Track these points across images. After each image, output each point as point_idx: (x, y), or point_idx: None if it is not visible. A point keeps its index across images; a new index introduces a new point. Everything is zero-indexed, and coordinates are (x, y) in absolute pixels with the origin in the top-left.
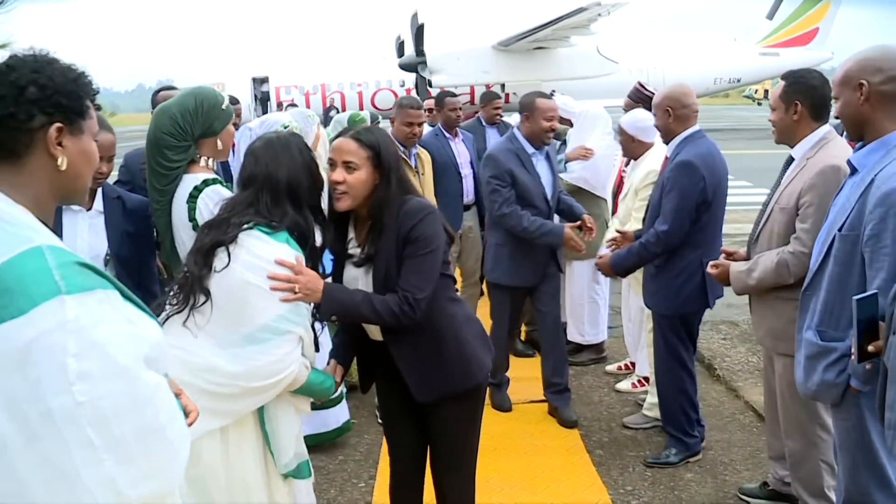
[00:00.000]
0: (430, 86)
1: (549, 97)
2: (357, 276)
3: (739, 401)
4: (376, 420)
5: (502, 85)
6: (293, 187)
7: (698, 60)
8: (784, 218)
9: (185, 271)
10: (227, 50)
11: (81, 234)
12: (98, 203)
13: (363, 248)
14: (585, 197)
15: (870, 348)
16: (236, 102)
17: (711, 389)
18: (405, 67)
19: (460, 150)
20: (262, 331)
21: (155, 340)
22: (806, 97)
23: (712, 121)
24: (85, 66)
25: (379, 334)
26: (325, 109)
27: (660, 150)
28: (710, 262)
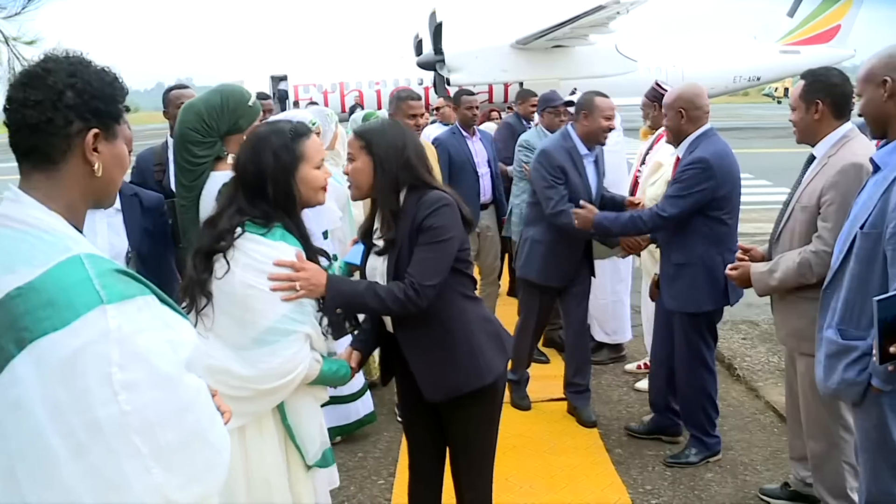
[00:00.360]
0: (449, 84)
1: (606, 96)
2: (376, 265)
3: (760, 401)
4: (396, 417)
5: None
6: (261, 187)
7: (717, 59)
8: (805, 217)
9: (187, 274)
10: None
11: (101, 234)
12: (115, 201)
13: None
14: None
15: (892, 349)
16: (266, 98)
17: (731, 389)
18: (423, 66)
19: (477, 148)
20: (269, 333)
21: (193, 343)
22: (827, 95)
23: (731, 119)
24: (115, 67)
25: (392, 327)
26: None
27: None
28: (729, 265)
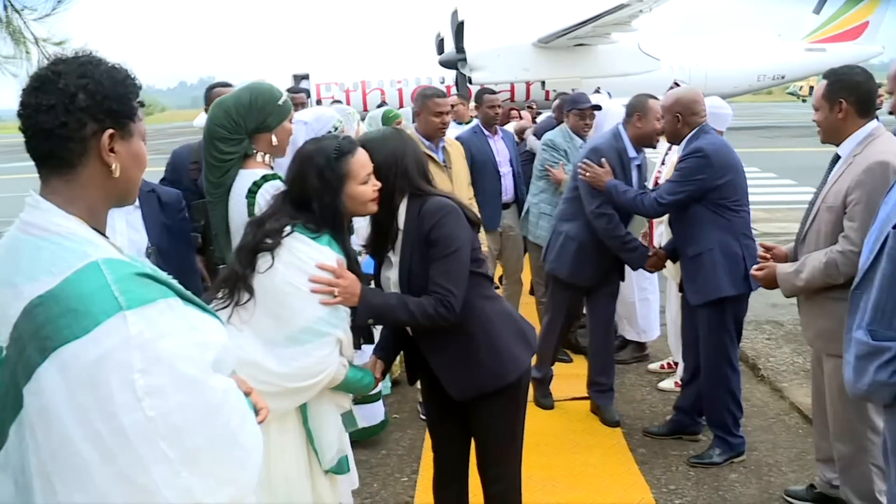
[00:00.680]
0: (470, 83)
1: (657, 98)
2: (389, 276)
3: (784, 402)
4: (419, 415)
5: (542, 82)
6: (307, 202)
7: (741, 57)
8: (831, 217)
9: (230, 267)
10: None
11: (120, 231)
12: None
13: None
14: None
15: None
16: (299, 91)
17: (756, 390)
18: (445, 64)
19: (499, 147)
20: (303, 332)
21: (220, 343)
22: (850, 94)
23: (755, 118)
24: (126, 63)
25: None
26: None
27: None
28: (754, 266)
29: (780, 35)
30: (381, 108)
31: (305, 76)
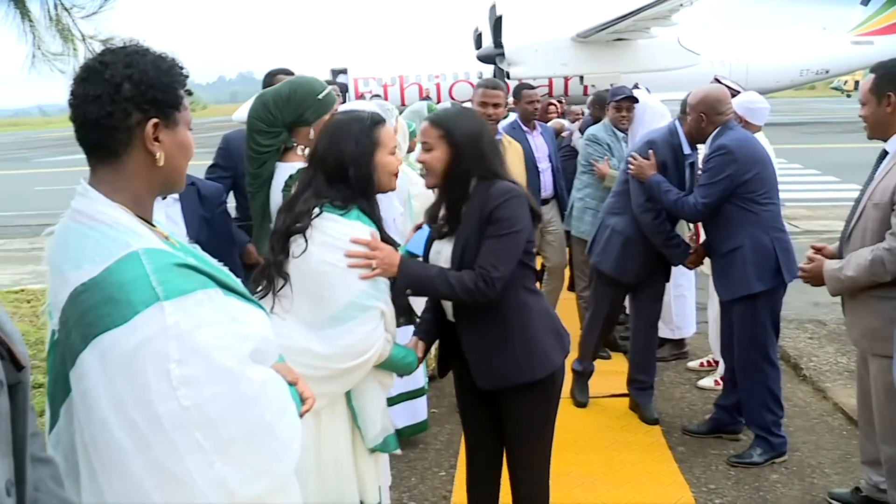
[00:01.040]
0: (508, 78)
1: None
2: (440, 249)
3: (828, 402)
4: (456, 410)
5: (581, 77)
6: (343, 171)
7: (784, 51)
8: (878, 214)
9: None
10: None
11: (159, 224)
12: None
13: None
14: None
15: None
16: (333, 85)
17: (797, 390)
18: (483, 59)
19: (538, 143)
20: (347, 309)
21: (261, 333)
22: None
23: (795, 114)
24: (174, 53)
25: (452, 314)
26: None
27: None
28: (802, 264)
29: (825, 28)
30: (425, 101)
31: (343, 71)
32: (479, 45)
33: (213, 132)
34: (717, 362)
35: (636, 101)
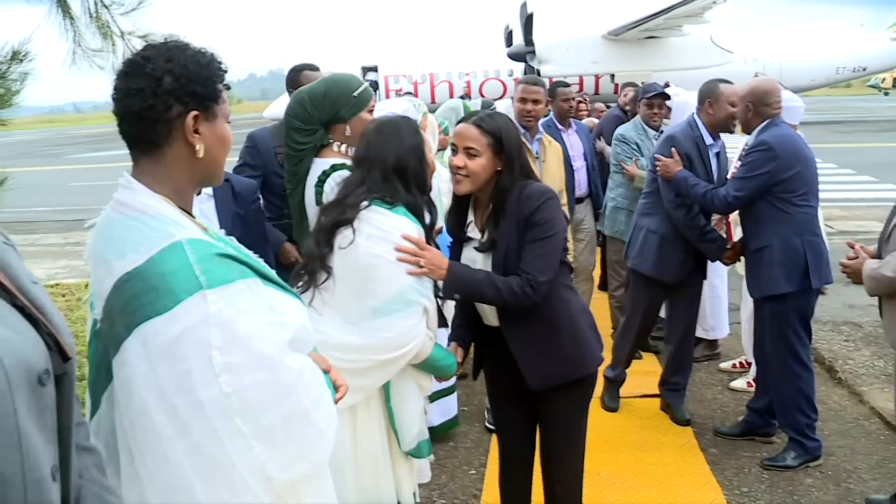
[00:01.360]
0: (539, 75)
1: (729, 82)
2: (475, 258)
3: (864, 406)
4: (486, 409)
5: (612, 75)
6: (401, 168)
7: (819, 49)
8: None
9: (307, 251)
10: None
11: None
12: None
13: (484, 233)
14: None
15: None
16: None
17: (832, 393)
18: (514, 57)
19: (573, 141)
20: (390, 302)
21: (299, 322)
22: None
23: (830, 112)
24: (213, 48)
25: (495, 319)
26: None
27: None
28: (846, 255)
29: (863, 25)
30: (461, 100)
31: (374, 68)
32: (509, 42)
33: (244, 129)
34: (749, 364)
35: (668, 97)
